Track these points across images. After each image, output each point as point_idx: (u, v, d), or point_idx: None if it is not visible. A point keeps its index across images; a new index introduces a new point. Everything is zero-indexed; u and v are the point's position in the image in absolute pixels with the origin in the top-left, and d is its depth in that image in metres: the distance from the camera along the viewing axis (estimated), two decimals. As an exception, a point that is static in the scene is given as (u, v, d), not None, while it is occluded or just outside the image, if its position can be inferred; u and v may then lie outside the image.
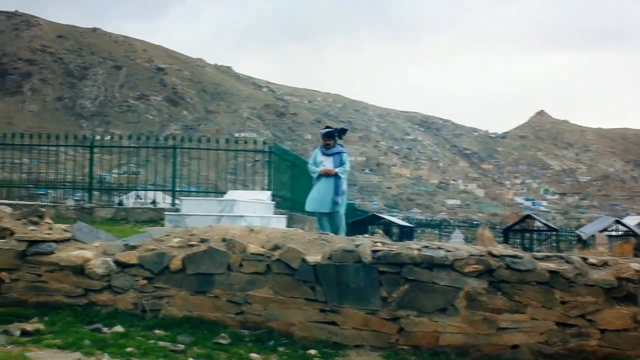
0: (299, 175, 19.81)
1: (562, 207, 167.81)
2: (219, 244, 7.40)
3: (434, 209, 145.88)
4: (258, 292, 7.14)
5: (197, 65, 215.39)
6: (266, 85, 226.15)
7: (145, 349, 6.27)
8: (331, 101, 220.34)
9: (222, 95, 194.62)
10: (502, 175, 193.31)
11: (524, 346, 6.65)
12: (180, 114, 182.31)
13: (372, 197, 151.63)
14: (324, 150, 12.74)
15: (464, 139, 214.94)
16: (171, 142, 19.31)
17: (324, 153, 12.72)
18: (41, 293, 7.51)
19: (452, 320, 6.76)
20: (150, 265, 7.39)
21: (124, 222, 15.18)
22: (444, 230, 46.92)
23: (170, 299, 7.31)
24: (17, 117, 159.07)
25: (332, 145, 12.71)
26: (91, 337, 6.51)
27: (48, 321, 6.97)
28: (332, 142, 12.72)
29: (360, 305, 6.91)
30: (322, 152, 12.75)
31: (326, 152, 12.70)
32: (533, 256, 7.04)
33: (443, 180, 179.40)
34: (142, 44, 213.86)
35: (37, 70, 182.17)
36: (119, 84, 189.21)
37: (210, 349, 6.50)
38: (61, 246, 7.75)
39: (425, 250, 6.97)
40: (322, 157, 12.69)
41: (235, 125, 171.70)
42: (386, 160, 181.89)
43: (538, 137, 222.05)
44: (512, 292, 6.73)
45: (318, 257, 7.12)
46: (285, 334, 6.95)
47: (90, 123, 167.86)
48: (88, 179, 18.65)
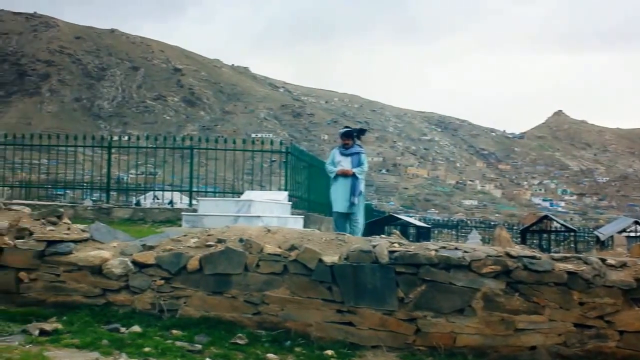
0: (316, 175, 19.80)
1: (580, 207, 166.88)
2: (236, 245, 7.41)
3: (451, 210, 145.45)
4: (275, 293, 7.14)
5: (214, 65, 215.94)
6: (283, 85, 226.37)
7: (163, 349, 6.29)
8: (348, 101, 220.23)
9: (239, 95, 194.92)
10: (520, 176, 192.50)
11: (542, 347, 6.62)
12: (197, 115, 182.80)
13: (389, 198, 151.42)
14: (343, 150, 12.66)
15: (481, 140, 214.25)
16: (188, 143, 19.33)
17: (342, 153, 12.64)
18: (59, 293, 7.55)
19: (469, 321, 6.73)
20: (168, 266, 7.41)
21: (141, 223, 15.22)
22: (461, 231, 46.74)
23: (188, 299, 7.33)
24: (36, 117, 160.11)
25: (351, 145, 12.62)
26: (109, 337, 6.53)
27: (66, 321, 7.01)
28: (350, 141, 12.64)
29: (377, 306, 6.90)
30: (341, 152, 12.67)
31: (344, 152, 12.61)
32: (551, 257, 7.00)
33: (460, 180, 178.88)
34: (159, 44, 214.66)
35: (55, 71, 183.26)
36: (137, 84, 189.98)
37: (227, 349, 6.51)
38: (79, 246, 7.79)
39: (443, 251, 6.95)
40: (340, 157, 12.62)
41: (252, 125, 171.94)
42: (403, 161, 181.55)
43: (556, 137, 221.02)
44: (530, 293, 6.70)
45: (335, 257, 7.12)
46: (302, 335, 6.95)
47: (108, 124, 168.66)
48: (106, 179, 18.71)
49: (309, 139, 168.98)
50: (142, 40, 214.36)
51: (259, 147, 17.83)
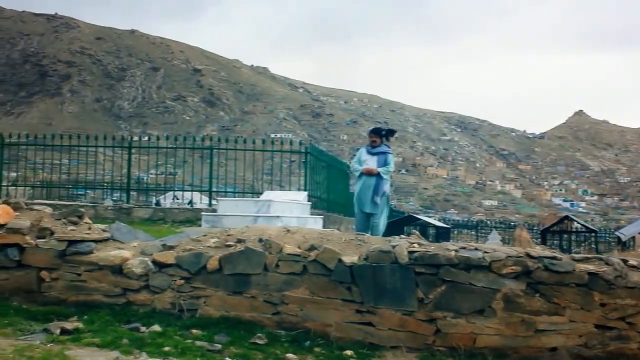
0: (335, 175, 19.82)
1: (601, 208, 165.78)
2: (255, 245, 7.42)
3: (470, 210, 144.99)
4: (294, 293, 7.15)
5: (234, 66, 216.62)
6: (302, 86, 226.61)
7: (183, 349, 6.30)
8: (367, 102, 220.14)
9: (258, 96, 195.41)
10: (540, 176, 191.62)
11: (563, 348, 6.58)
12: (216, 115, 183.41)
13: (408, 198, 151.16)
14: (369, 149, 12.50)
15: (501, 140, 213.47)
16: (208, 143, 19.41)
17: (369, 152, 12.47)
18: (80, 292, 7.59)
19: (490, 321, 6.71)
20: (188, 265, 7.43)
21: (161, 223, 15.29)
22: (481, 231, 46.58)
23: (207, 298, 7.34)
24: (57, 118, 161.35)
25: (378, 144, 12.44)
26: (129, 336, 6.56)
27: (87, 320, 7.04)
28: (377, 139, 12.45)
29: (397, 306, 6.89)
30: (367, 151, 12.50)
31: (371, 151, 12.44)
32: (571, 258, 6.97)
33: (480, 181, 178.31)
34: (179, 45, 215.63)
35: (76, 71, 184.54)
36: (156, 85, 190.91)
37: (246, 349, 6.52)
38: (100, 246, 7.83)
39: (463, 252, 6.93)
40: (367, 156, 12.44)
41: (271, 125, 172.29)
42: (422, 161, 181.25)
43: (576, 137, 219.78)
44: (550, 294, 6.67)
45: (354, 257, 7.11)
46: (321, 335, 6.95)
47: (128, 124, 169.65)
48: (126, 179, 18.81)
49: (328, 139, 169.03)
50: (162, 41, 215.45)
51: (278, 147, 17.79)
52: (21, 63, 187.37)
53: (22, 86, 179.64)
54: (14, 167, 20.04)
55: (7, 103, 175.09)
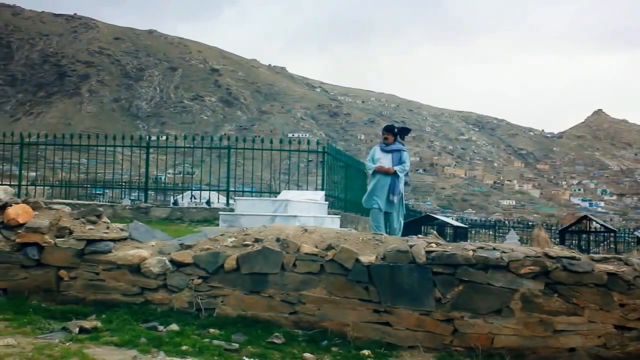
0: (352, 175, 19.80)
1: (620, 208, 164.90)
2: (273, 244, 7.43)
3: (488, 210, 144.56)
4: (312, 292, 7.14)
5: (251, 66, 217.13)
6: (319, 85, 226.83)
7: (200, 348, 6.32)
8: (385, 101, 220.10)
9: (276, 95, 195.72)
10: (558, 176, 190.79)
11: (581, 349, 6.54)
12: (234, 115, 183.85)
13: (426, 198, 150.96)
14: (383, 146, 12.28)
15: (519, 139, 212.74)
16: (225, 143, 19.47)
17: (383, 149, 12.25)
18: (99, 291, 7.63)
19: (507, 322, 6.68)
20: (205, 265, 7.45)
21: (179, 222, 15.34)
22: (499, 231, 46.37)
23: (225, 298, 7.36)
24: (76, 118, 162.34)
25: (391, 142, 12.20)
26: (147, 335, 6.58)
27: (105, 319, 7.07)
28: (391, 137, 12.21)
29: (414, 306, 6.87)
30: (381, 149, 12.28)
31: (385, 149, 12.22)
32: (590, 258, 6.93)
33: (498, 180, 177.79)
34: (197, 45, 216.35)
35: (94, 72, 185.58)
36: (174, 85, 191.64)
37: (264, 348, 6.53)
38: (118, 245, 7.86)
39: (480, 251, 6.90)
40: (381, 154, 12.21)
41: (288, 125, 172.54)
42: (440, 161, 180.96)
43: (595, 136, 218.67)
44: (569, 294, 6.63)
45: (372, 257, 7.10)
46: (338, 334, 6.94)
47: (146, 124, 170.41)
48: (144, 179, 18.89)
49: (346, 138, 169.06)
50: (179, 41, 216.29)
51: (296, 147, 17.78)
52: (40, 63, 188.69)
53: (41, 86, 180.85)
54: (33, 166, 20.14)
55: (27, 103, 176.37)
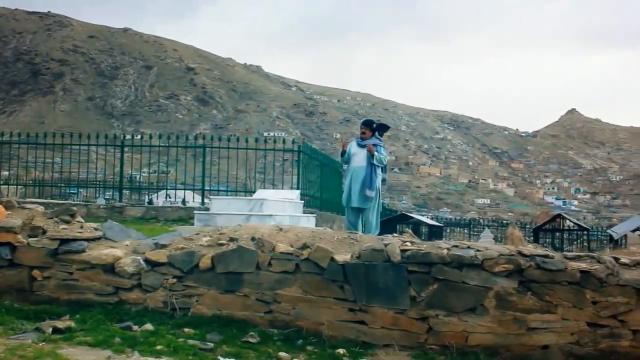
0: (328, 174, 19.82)
1: (593, 206, 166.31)
2: (248, 243, 7.42)
3: (463, 209, 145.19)
4: (287, 291, 7.15)
5: (227, 64, 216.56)
6: (295, 84, 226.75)
7: (175, 347, 6.30)
8: (360, 100, 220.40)
9: (252, 94, 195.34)
10: (533, 175, 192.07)
11: (555, 346, 6.59)
12: (209, 114, 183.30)
13: (401, 197, 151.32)
14: (359, 141, 12.12)
15: (493, 138, 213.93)
16: (201, 142, 19.41)
17: (359, 144, 12.08)
18: (72, 291, 7.58)
19: (482, 320, 6.72)
20: (180, 264, 7.43)
21: (154, 221, 15.27)
22: (474, 229, 46.58)
23: (200, 297, 7.34)
24: (50, 116, 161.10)
25: (368, 137, 12.04)
26: (121, 335, 6.55)
27: (79, 319, 7.03)
28: (368, 132, 12.06)
29: (389, 305, 6.89)
30: (357, 144, 12.12)
31: (361, 144, 12.04)
32: (564, 256, 6.98)
33: (472, 179, 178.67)
34: (173, 43, 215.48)
35: (69, 70, 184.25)
36: (149, 83, 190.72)
37: (239, 348, 6.52)
38: (92, 245, 7.81)
39: (455, 250, 6.93)
40: (357, 149, 12.05)
41: (264, 124, 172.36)
42: (415, 160, 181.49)
43: (569, 136, 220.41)
44: (543, 292, 6.68)
45: (347, 256, 7.11)
46: (314, 333, 6.95)
47: (121, 122, 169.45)
48: (118, 178, 18.79)
49: (321, 137, 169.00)
50: (155, 39, 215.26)
51: (271, 145, 17.74)
52: (13, 61, 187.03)
53: (14, 85, 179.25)
54: (6, 165, 20.00)
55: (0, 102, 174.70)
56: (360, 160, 11.94)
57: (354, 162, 12.08)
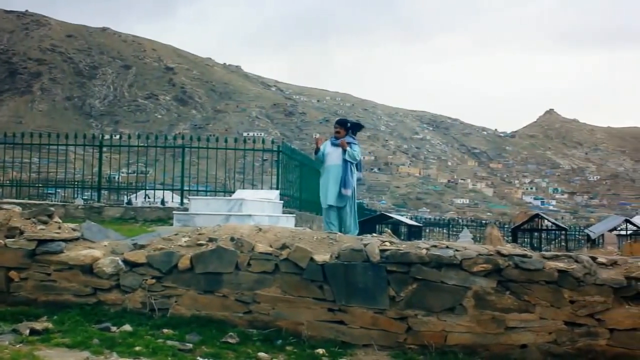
0: (307, 174, 19.79)
1: (571, 206, 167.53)
2: (227, 243, 7.41)
3: (442, 208, 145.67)
4: (266, 292, 7.14)
5: (206, 64, 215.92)
6: (275, 84, 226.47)
7: (154, 348, 6.28)
8: (340, 100, 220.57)
9: (231, 94, 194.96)
10: (511, 175, 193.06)
11: (533, 345, 6.63)
12: (189, 114, 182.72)
13: (381, 197, 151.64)
14: (334, 140, 12.12)
15: (472, 138, 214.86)
16: (180, 142, 19.29)
17: (333, 143, 12.09)
18: (50, 292, 7.53)
19: (461, 319, 6.75)
20: (159, 265, 7.40)
21: (132, 222, 15.19)
22: (453, 229, 46.66)
23: (179, 298, 7.32)
24: (27, 116, 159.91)
25: (342, 136, 12.02)
26: (100, 336, 6.52)
27: (57, 320, 6.99)
28: (342, 131, 12.07)
29: (369, 305, 6.90)
30: (332, 143, 12.13)
31: (335, 143, 12.05)
32: (542, 255, 7.02)
33: (452, 179, 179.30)
34: (152, 43, 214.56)
35: (46, 69, 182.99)
36: (128, 83, 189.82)
37: (218, 348, 6.51)
38: (70, 245, 7.76)
39: (434, 250, 6.96)
40: (331, 148, 12.07)
41: (243, 124, 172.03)
42: (395, 160, 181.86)
43: (547, 136, 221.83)
44: (521, 292, 6.71)
45: (326, 256, 7.12)
46: (293, 333, 6.95)
47: (100, 122, 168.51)
48: (97, 178, 18.67)
49: (301, 137, 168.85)
50: (134, 39, 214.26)
51: (251, 146, 17.75)
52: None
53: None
54: (-18, 166, 19.79)
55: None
56: (335, 159, 11.96)
57: (328, 161, 12.09)
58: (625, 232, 34.67)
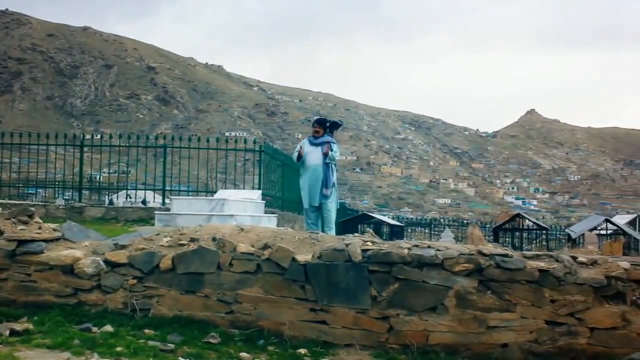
0: (290, 174, 19.79)
1: (552, 206, 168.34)
2: (209, 243, 7.39)
3: (424, 208, 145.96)
4: (248, 292, 7.13)
5: (188, 64, 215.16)
6: (257, 84, 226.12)
7: (135, 349, 6.25)
8: (322, 100, 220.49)
9: (213, 94, 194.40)
10: (493, 175, 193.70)
11: (514, 345, 6.67)
12: (170, 113, 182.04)
13: (363, 197, 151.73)
14: (312, 139, 12.17)
15: (454, 138, 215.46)
16: (161, 141, 19.23)
17: (312, 142, 12.13)
18: (30, 293, 7.48)
19: (442, 319, 6.77)
20: (140, 265, 7.37)
21: (114, 222, 15.12)
22: (435, 229, 46.80)
23: (160, 298, 7.29)
24: (7, 116, 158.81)
25: (321, 135, 12.09)
26: (80, 337, 6.48)
27: (37, 321, 6.94)
28: (321, 130, 12.13)
29: (350, 305, 6.91)
30: (310, 142, 12.18)
31: (314, 142, 12.10)
32: (523, 255, 7.06)
33: (433, 179, 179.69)
34: (133, 42, 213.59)
35: (27, 69, 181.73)
36: (110, 82, 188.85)
37: (200, 348, 6.49)
38: (51, 246, 7.72)
39: (416, 249, 6.97)
40: (309, 148, 12.09)
41: (225, 124, 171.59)
42: (377, 160, 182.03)
43: (528, 136, 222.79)
44: (502, 291, 6.75)
45: (308, 256, 7.12)
46: (275, 333, 6.94)
47: (81, 122, 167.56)
48: (78, 178, 18.59)
49: (283, 137, 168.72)
50: (115, 38, 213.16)
51: (233, 145, 17.67)
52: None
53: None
54: (-38, 165, 19.66)
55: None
56: (315, 158, 11.99)
57: (308, 161, 12.08)
58: (605, 232, 34.89)
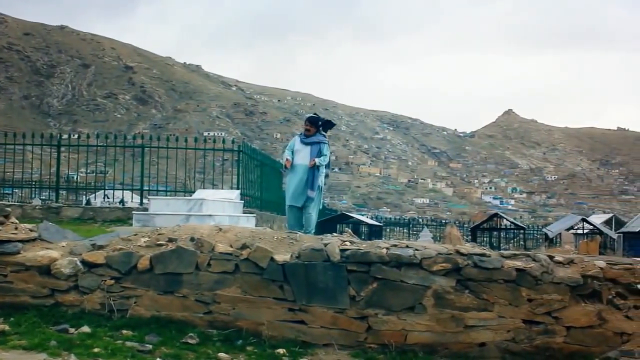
0: (268, 174, 19.79)
1: (529, 205, 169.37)
2: (187, 244, 7.37)
3: (402, 208, 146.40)
4: (226, 292, 7.11)
5: (166, 64, 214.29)
6: (235, 84, 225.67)
7: (113, 349, 6.22)
8: (300, 100, 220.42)
9: (191, 94, 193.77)
10: (471, 174, 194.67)
11: (491, 344, 6.70)
12: (148, 113, 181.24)
13: (341, 196, 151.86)
14: (303, 138, 11.77)
15: (432, 138, 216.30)
16: (139, 141, 19.14)
17: (303, 141, 11.74)
18: (6, 294, 7.42)
19: (420, 318, 6.79)
20: (118, 265, 7.34)
21: (91, 222, 15.05)
22: (413, 229, 46.94)
23: (138, 298, 7.26)
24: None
25: (312, 134, 11.71)
26: (57, 338, 6.44)
27: (13, 322, 6.89)
28: (313, 129, 11.73)
29: (329, 304, 6.91)
30: (301, 140, 11.78)
31: (305, 141, 11.71)
32: (500, 254, 7.10)
33: (412, 179, 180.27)
34: (111, 42, 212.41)
35: (3, 68, 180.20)
36: (87, 82, 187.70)
37: (178, 349, 6.47)
38: (27, 246, 7.67)
39: (394, 249, 6.99)
40: (300, 146, 11.72)
41: (204, 124, 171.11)
42: (355, 159, 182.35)
43: (506, 136, 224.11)
44: (480, 290, 6.78)
45: (287, 256, 7.12)
46: (254, 333, 6.93)
47: (58, 121, 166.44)
48: (55, 178, 18.45)
49: (262, 137, 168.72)
50: (92, 37, 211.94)
51: (211, 145, 17.62)
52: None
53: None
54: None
55: None
56: (304, 157, 11.61)
57: (297, 160, 11.70)
58: (582, 231, 35.22)
